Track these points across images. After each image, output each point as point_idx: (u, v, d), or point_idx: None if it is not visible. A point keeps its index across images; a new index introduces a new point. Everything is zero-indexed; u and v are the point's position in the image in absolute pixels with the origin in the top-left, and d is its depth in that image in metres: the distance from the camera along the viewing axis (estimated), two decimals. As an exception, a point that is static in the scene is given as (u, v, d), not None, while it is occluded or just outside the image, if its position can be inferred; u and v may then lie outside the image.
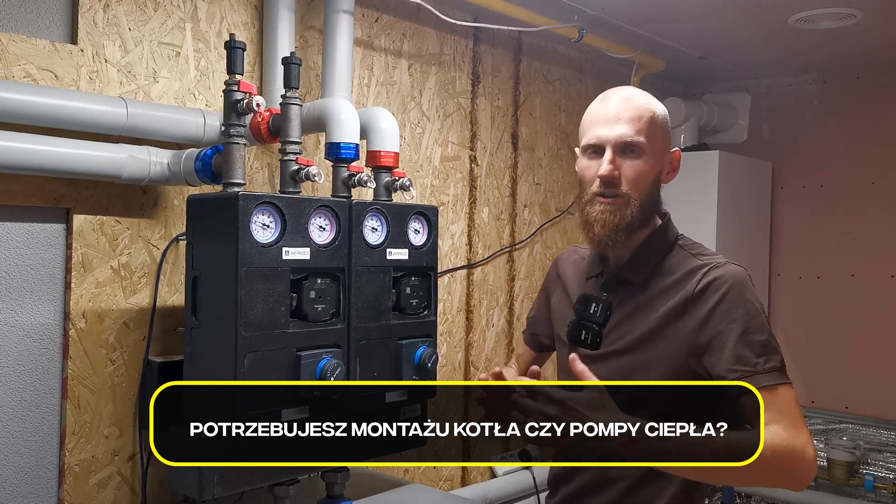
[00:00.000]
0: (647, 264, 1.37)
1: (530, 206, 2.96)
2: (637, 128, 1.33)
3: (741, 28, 2.89)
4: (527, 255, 2.95)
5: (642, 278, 1.37)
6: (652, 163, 1.34)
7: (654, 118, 1.35)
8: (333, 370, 1.53)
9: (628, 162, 1.33)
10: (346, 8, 2.04)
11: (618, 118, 1.34)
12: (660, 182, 1.38)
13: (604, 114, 1.36)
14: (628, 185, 1.33)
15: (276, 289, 1.50)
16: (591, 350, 1.39)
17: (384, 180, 1.78)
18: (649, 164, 1.34)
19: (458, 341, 2.67)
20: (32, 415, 1.68)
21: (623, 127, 1.33)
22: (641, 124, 1.33)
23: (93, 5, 1.72)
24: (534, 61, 2.97)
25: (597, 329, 1.39)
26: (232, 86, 1.52)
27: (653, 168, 1.35)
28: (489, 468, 2.75)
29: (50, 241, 1.70)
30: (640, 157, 1.33)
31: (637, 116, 1.33)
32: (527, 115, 2.94)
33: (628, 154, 1.33)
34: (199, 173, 1.65)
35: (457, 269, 2.65)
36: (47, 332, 1.70)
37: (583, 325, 1.41)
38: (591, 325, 1.39)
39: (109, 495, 1.77)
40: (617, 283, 1.40)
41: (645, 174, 1.34)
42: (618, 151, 1.33)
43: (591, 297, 1.41)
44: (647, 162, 1.33)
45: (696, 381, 1.29)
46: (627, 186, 1.33)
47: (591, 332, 1.39)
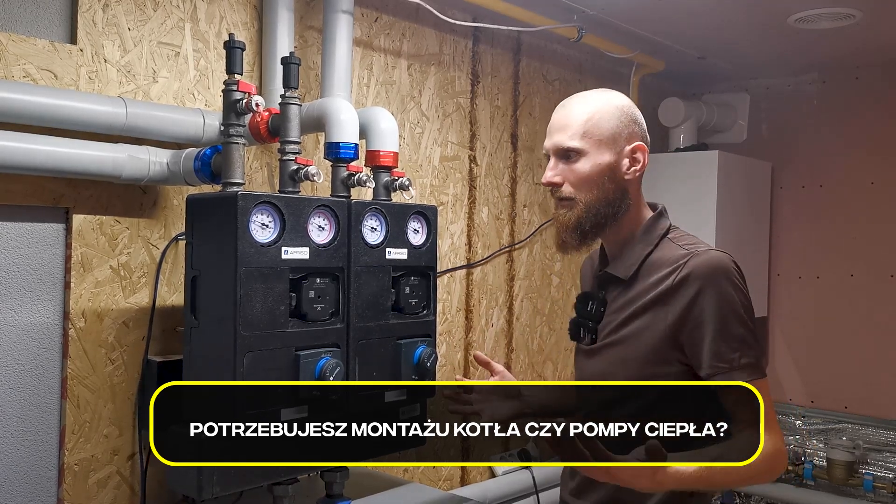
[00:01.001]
0: (632, 259, 1.40)
1: (530, 206, 2.96)
2: (570, 133, 1.37)
3: (740, 28, 2.90)
4: (526, 254, 2.95)
5: (629, 273, 1.39)
6: (594, 162, 1.36)
7: (595, 119, 1.37)
8: (332, 370, 1.53)
9: (569, 166, 1.38)
10: (345, 8, 2.05)
11: (554, 128, 1.40)
12: (620, 178, 1.38)
13: (551, 124, 1.42)
14: (572, 188, 1.38)
15: (275, 288, 1.50)
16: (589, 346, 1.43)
17: (383, 180, 1.78)
18: (590, 164, 1.36)
19: (457, 341, 2.67)
20: (32, 414, 1.68)
21: (557, 135, 1.39)
22: (575, 129, 1.37)
23: (92, 5, 1.72)
24: (533, 61, 2.97)
25: (592, 325, 1.42)
26: (231, 85, 1.53)
27: (596, 168, 1.37)
28: (488, 468, 2.75)
29: (49, 241, 1.70)
30: (578, 160, 1.37)
31: (570, 123, 1.38)
32: (526, 115, 2.95)
33: (568, 159, 1.38)
34: (199, 173, 1.65)
35: (456, 268, 2.65)
36: (47, 332, 1.70)
37: (580, 322, 1.45)
38: (587, 323, 1.44)
39: (109, 495, 1.77)
40: (608, 279, 1.43)
41: (587, 175, 1.37)
42: (559, 158, 1.39)
43: (590, 295, 1.46)
44: (588, 163, 1.36)
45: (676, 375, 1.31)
46: (571, 189, 1.38)
47: (587, 329, 1.43)
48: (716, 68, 3.50)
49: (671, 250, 1.37)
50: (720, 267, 1.30)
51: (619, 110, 1.39)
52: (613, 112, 1.39)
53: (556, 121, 1.41)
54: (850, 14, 2.66)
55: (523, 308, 2.93)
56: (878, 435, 3.32)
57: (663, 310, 1.31)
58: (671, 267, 1.33)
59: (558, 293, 3.10)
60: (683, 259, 1.32)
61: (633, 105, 1.42)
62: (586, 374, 1.44)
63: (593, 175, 1.37)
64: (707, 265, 1.30)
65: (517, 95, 2.90)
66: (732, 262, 1.32)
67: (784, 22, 2.76)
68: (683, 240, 1.39)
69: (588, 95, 1.42)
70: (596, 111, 1.38)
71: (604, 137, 1.37)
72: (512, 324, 2.89)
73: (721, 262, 1.30)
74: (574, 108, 1.40)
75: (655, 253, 1.38)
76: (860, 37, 2.93)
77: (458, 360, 2.67)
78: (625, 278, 1.39)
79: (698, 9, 2.66)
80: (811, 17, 2.69)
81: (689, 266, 1.31)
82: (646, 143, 1.41)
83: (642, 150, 1.39)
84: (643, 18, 2.78)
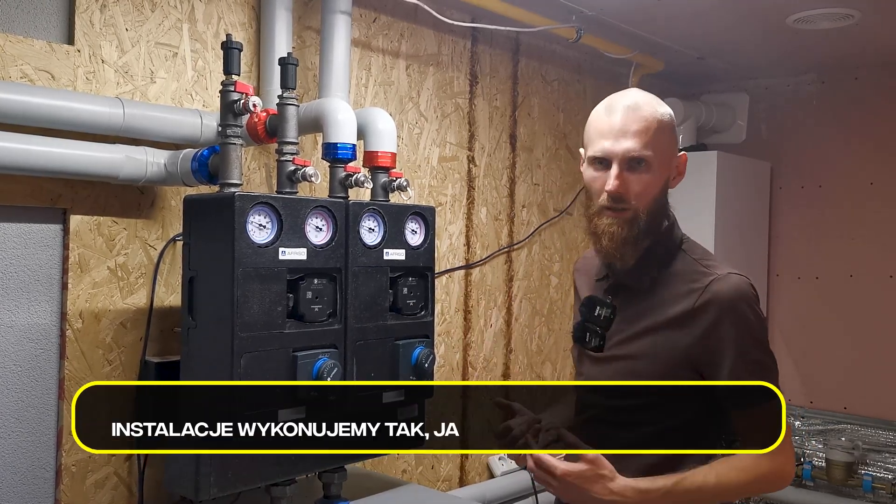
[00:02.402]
0: (650, 270, 1.37)
1: (528, 207, 2.96)
2: (644, 141, 1.29)
3: (740, 28, 2.89)
4: (525, 255, 2.95)
5: (646, 284, 1.37)
6: (659, 174, 1.33)
7: (661, 126, 1.32)
8: (330, 371, 1.53)
9: (635, 176, 1.31)
10: (343, 8, 2.04)
11: (624, 132, 1.30)
12: (667, 188, 1.37)
13: (609, 126, 1.32)
14: (636, 199, 1.31)
15: (272, 289, 1.50)
16: (595, 352, 1.41)
17: (381, 181, 1.78)
18: (657, 175, 1.32)
19: (456, 342, 2.66)
20: (29, 415, 1.68)
21: (629, 141, 1.30)
22: (648, 136, 1.30)
23: (90, 6, 1.72)
24: (532, 61, 2.97)
25: (600, 332, 1.40)
26: (228, 86, 1.52)
27: (660, 178, 1.33)
28: (487, 468, 2.75)
29: (47, 242, 1.70)
30: (647, 171, 1.31)
31: (644, 129, 1.30)
32: (525, 115, 2.94)
33: (635, 168, 1.31)
34: (196, 174, 1.65)
35: (455, 269, 2.65)
36: (44, 333, 1.70)
37: (587, 327, 1.43)
38: (595, 329, 1.41)
39: (106, 495, 1.77)
40: (621, 287, 1.41)
41: (652, 186, 1.32)
42: (625, 166, 1.31)
43: (597, 301, 1.43)
44: (655, 174, 1.32)
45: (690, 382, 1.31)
46: (635, 200, 1.31)
47: (595, 335, 1.41)
48: (715, 68, 3.50)
49: (688, 265, 1.36)
50: (741, 294, 1.29)
51: (671, 119, 1.35)
52: (670, 121, 1.34)
53: (621, 124, 1.30)
54: (849, 14, 2.66)
55: (522, 309, 2.93)
56: (878, 436, 3.32)
57: (682, 332, 1.30)
58: (692, 287, 1.32)
59: (557, 294, 3.10)
60: (704, 282, 1.31)
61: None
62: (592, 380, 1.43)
63: (658, 185, 1.33)
64: (728, 292, 1.29)
65: (516, 96, 2.90)
66: (751, 285, 1.31)
67: (783, 22, 2.76)
68: (697, 252, 1.38)
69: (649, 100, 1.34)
70: (661, 119, 1.32)
71: (665, 148, 1.33)
72: (511, 324, 2.88)
73: (742, 288, 1.30)
74: (643, 113, 1.31)
75: (671, 265, 1.37)
76: (859, 37, 2.93)
77: (456, 361, 2.67)
78: (641, 288, 1.37)
79: (697, 9, 2.66)
80: (810, 17, 2.69)
81: (711, 291, 1.29)
82: None
83: (685, 161, 1.38)
84: (642, 19, 2.78)
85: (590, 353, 1.43)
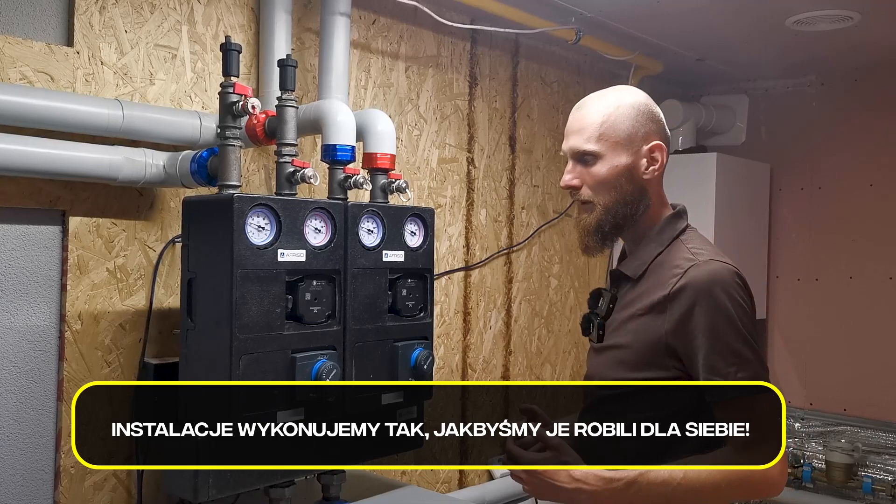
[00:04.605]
0: (642, 259, 1.38)
1: (528, 209, 2.96)
2: (586, 136, 1.36)
3: (739, 30, 2.89)
4: (524, 257, 2.95)
5: (637, 273, 1.38)
6: (611, 165, 1.35)
7: (610, 120, 1.35)
8: (329, 372, 1.53)
9: (586, 169, 1.37)
10: (342, 10, 2.04)
11: (570, 130, 1.39)
12: (638, 178, 1.37)
13: (567, 127, 1.42)
14: (590, 191, 1.37)
15: (271, 291, 1.50)
16: (597, 342, 1.42)
17: (380, 182, 1.78)
18: (607, 166, 1.35)
19: (455, 343, 2.66)
20: (28, 417, 1.68)
21: (573, 138, 1.38)
22: (590, 132, 1.36)
23: (89, 7, 1.72)
24: (531, 63, 2.97)
25: (599, 322, 1.41)
26: (227, 88, 1.52)
27: (614, 170, 1.35)
28: (487, 470, 2.75)
29: (46, 243, 1.70)
30: (595, 164, 1.36)
31: (586, 126, 1.37)
32: (524, 117, 2.94)
33: (585, 162, 1.37)
34: (195, 175, 1.65)
35: (454, 270, 2.65)
36: (43, 335, 1.70)
37: (591, 317, 1.45)
38: (596, 318, 1.43)
39: (105, 498, 1.76)
40: (619, 277, 1.43)
41: (604, 178, 1.36)
42: (577, 161, 1.38)
43: (602, 291, 1.45)
44: (605, 165, 1.35)
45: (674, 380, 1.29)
46: (589, 192, 1.37)
47: (595, 325, 1.43)
48: (714, 70, 3.50)
49: (679, 253, 1.35)
50: (718, 280, 1.27)
51: (635, 109, 1.37)
52: (629, 112, 1.36)
53: (572, 123, 1.40)
54: (848, 16, 2.66)
55: (521, 310, 2.93)
56: (878, 437, 3.32)
57: (660, 317, 1.29)
58: (672, 273, 1.31)
59: (557, 295, 3.09)
60: (684, 268, 1.30)
61: (651, 102, 1.40)
62: (592, 370, 1.44)
63: (610, 178, 1.36)
64: (704, 277, 1.27)
65: (515, 97, 2.90)
66: (735, 273, 1.29)
67: (783, 24, 2.76)
68: (692, 243, 1.37)
69: (604, 95, 1.40)
70: (612, 112, 1.36)
71: (620, 139, 1.35)
72: (510, 326, 2.88)
73: (720, 274, 1.27)
74: (589, 109, 1.38)
75: (665, 254, 1.36)
76: (859, 39, 2.93)
77: (455, 363, 2.67)
78: (633, 277, 1.38)
79: (697, 11, 2.66)
80: (810, 19, 2.69)
81: (687, 276, 1.28)
82: (665, 141, 1.39)
83: (660, 149, 1.37)
84: (641, 20, 2.78)
85: (594, 344, 1.44)
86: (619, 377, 1.34)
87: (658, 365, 1.29)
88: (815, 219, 3.55)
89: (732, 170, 3.39)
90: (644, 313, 1.33)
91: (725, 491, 1.23)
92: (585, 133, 1.36)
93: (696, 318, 1.25)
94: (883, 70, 3.33)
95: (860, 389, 3.38)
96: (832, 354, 3.46)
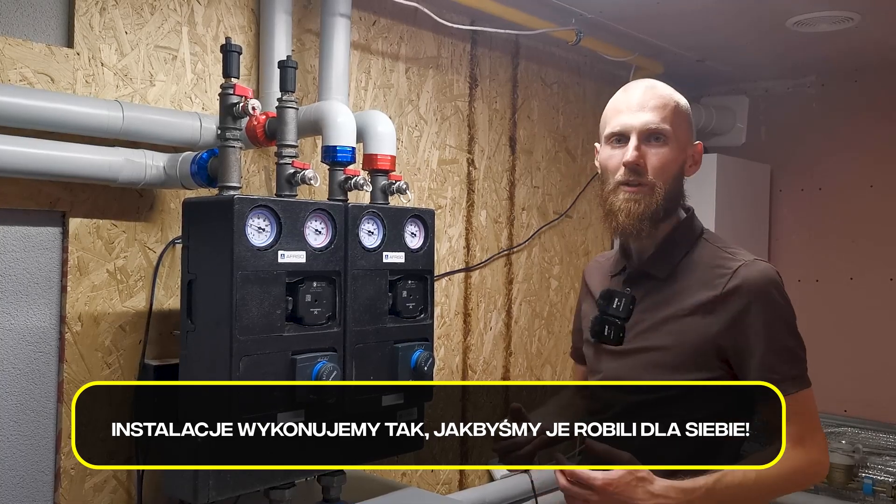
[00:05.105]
0: (671, 258, 1.36)
1: (528, 210, 2.96)
2: (662, 115, 1.32)
3: (739, 31, 2.89)
4: (525, 258, 2.95)
5: (666, 272, 1.36)
6: (676, 152, 1.33)
7: (678, 108, 1.35)
8: (329, 374, 1.53)
9: (653, 150, 1.32)
10: (342, 11, 2.04)
11: (642, 106, 1.33)
12: (683, 174, 1.37)
13: (627, 103, 1.35)
14: (653, 173, 1.31)
15: (271, 292, 1.49)
16: (614, 345, 1.38)
17: (381, 184, 1.77)
18: (674, 152, 1.33)
19: (455, 344, 2.66)
20: (28, 418, 1.68)
21: (648, 114, 1.32)
22: (666, 112, 1.32)
23: (89, 9, 1.72)
24: (531, 64, 2.97)
25: (619, 323, 1.37)
26: (228, 89, 1.52)
27: (677, 157, 1.34)
28: (487, 471, 2.75)
29: (46, 245, 1.70)
30: (665, 146, 1.32)
31: (662, 105, 1.33)
32: (525, 118, 2.94)
33: (653, 142, 1.32)
34: (195, 177, 1.65)
35: (454, 272, 2.65)
36: (43, 336, 1.70)
37: (605, 319, 1.40)
38: (614, 320, 1.38)
39: (105, 499, 1.76)
40: (641, 277, 1.39)
41: (670, 163, 1.32)
42: (643, 139, 1.32)
43: (615, 292, 1.40)
44: (672, 150, 1.32)
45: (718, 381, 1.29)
46: (653, 174, 1.32)
47: (614, 326, 1.38)
48: (714, 71, 3.50)
49: (711, 252, 1.34)
50: (771, 280, 1.28)
51: (688, 109, 1.38)
52: (686, 106, 1.38)
53: (640, 100, 1.33)
54: (848, 17, 2.66)
55: (522, 311, 2.93)
56: (878, 438, 3.32)
57: (708, 317, 1.28)
58: (718, 273, 1.30)
59: (557, 297, 3.09)
60: (731, 266, 1.29)
61: None
62: (611, 376, 1.40)
63: (675, 163, 1.33)
64: (759, 278, 1.28)
65: (516, 98, 2.90)
66: (777, 273, 1.31)
67: (783, 25, 2.76)
68: (720, 242, 1.37)
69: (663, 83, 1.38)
70: (678, 101, 1.36)
71: (682, 128, 1.35)
72: (510, 327, 2.88)
73: (771, 274, 1.29)
74: (662, 91, 1.35)
75: (693, 253, 1.36)
76: (859, 40, 2.93)
77: (456, 364, 2.67)
78: (661, 276, 1.36)
79: (697, 11, 2.66)
80: (810, 20, 2.69)
81: (739, 276, 1.28)
82: None
83: (701, 151, 1.38)
84: (641, 21, 2.78)
85: (609, 347, 1.39)
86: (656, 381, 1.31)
87: (705, 366, 1.28)
88: (816, 220, 3.54)
89: (732, 171, 3.39)
90: (687, 314, 1.30)
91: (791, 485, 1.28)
92: (660, 112, 1.32)
93: (752, 318, 1.26)
94: (883, 71, 3.33)
95: (861, 390, 3.38)
96: (832, 355, 3.45)
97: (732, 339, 1.27)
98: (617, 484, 1.19)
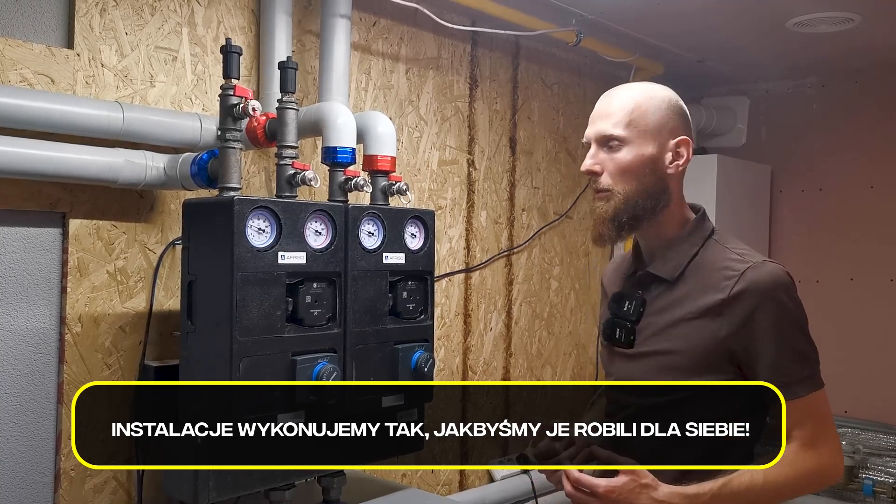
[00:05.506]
0: (678, 260, 1.35)
1: (528, 210, 2.96)
2: (616, 121, 1.33)
3: (740, 32, 2.89)
4: (525, 258, 2.95)
5: (674, 274, 1.35)
6: (637, 153, 1.33)
7: (640, 107, 1.34)
8: (329, 374, 1.53)
9: (609, 155, 1.34)
10: (343, 12, 2.04)
11: (599, 114, 1.36)
12: (661, 171, 1.35)
13: (593, 113, 1.39)
14: (611, 179, 1.34)
15: (271, 293, 1.49)
16: (626, 348, 1.38)
17: (381, 184, 1.77)
18: (632, 154, 1.33)
19: (456, 345, 2.66)
20: (28, 419, 1.68)
21: (600, 122, 1.35)
22: (620, 117, 1.33)
23: (89, 10, 1.72)
24: (532, 65, 2.97)
25: (630, 326, 1.37)
26: (228, 90, 1.52)
27: (639, 158, 1.33)
28: (487, 472, 2.74)
29: (46, 246, 1.70)
30: (619, 150, 1.33)
31: (615, 111, 1.34)
32: (525, 118, 2.94)
33: (610, 148, 1.34)
34: (196, 178, 1.65)
35: (455, 273, 2.65)
36: (43, 337, 1.70)
37: (617, 322, 1.40)
38: (625, 323, 1.38)
39: (105, 500, 1.76)
40: (650, 279, 1.39)
41: (628, 166, 1.33)
42: (601, 146, 1.35)
43: (626, 295, 1.41)
44: (630, 152, 1.33)
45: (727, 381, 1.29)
46: (610, 180, 1.34)
47: (625, 329, 1.38)
48: (715, 72, 3.50)
49: (720, 253, 1.34)
50: (779, 281, 1.27)
51: (666, 102, 1.36)
52: (659, 103, 1.35)
53: (599, 109, 1.37)
54: (849, 18, 2.66)
55: (522, 312, 2.93)
56: (878, 439, 3.31)
57: (717, 320, 1.28)
58: (726, 275, 1.29)
59: (557, 297, 3.09)
60: (740, 269, 1.28)
61: (679, 99, 1.39)
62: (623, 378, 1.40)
63: (634, 166, 1.33)
64: (766, 279, 1.27)
65: (516, 99, 2.90)
66: (788, 274, 1.29)
67: (783, 25, 2.76)
68: (731, 243, 1.36)
69: (634, 86, 1.39)
70: (642, 101, 1.34)
71: (648, 128, 1.33)
72: (511, 328, 2.88)
73: (779, 276, 1.28)
74: (620, 96, 1.36)
75: (702, 254, 1.35)
76: (859, 40, 2.93)
77: (456, 365, 2.67)
78: (669, 279, 1.35)
79: (697, 12, 2.66)
80: (810, 20, 2.69)
81: (746, 278, 1.27)
82: (690, 137, 1.38)
83: (686, 144, 1.36)
84: (642, 22, 2.78)
85: (621, 350, 1.39)
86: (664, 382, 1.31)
87: (717, 369, 1.28)
88: (816, 220, 3.54)
89: (733, 171, 3.39)
90: (696, 317, 1.30)
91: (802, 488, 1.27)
92: (613, 118, 1.34)
93: (761, 320, 1.25)
94: (883, 71, 3.33)
95: (861, 391, 3.37)
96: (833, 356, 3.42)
97: (741, 343, 1.27)
98: (620, 490, 1.19)
